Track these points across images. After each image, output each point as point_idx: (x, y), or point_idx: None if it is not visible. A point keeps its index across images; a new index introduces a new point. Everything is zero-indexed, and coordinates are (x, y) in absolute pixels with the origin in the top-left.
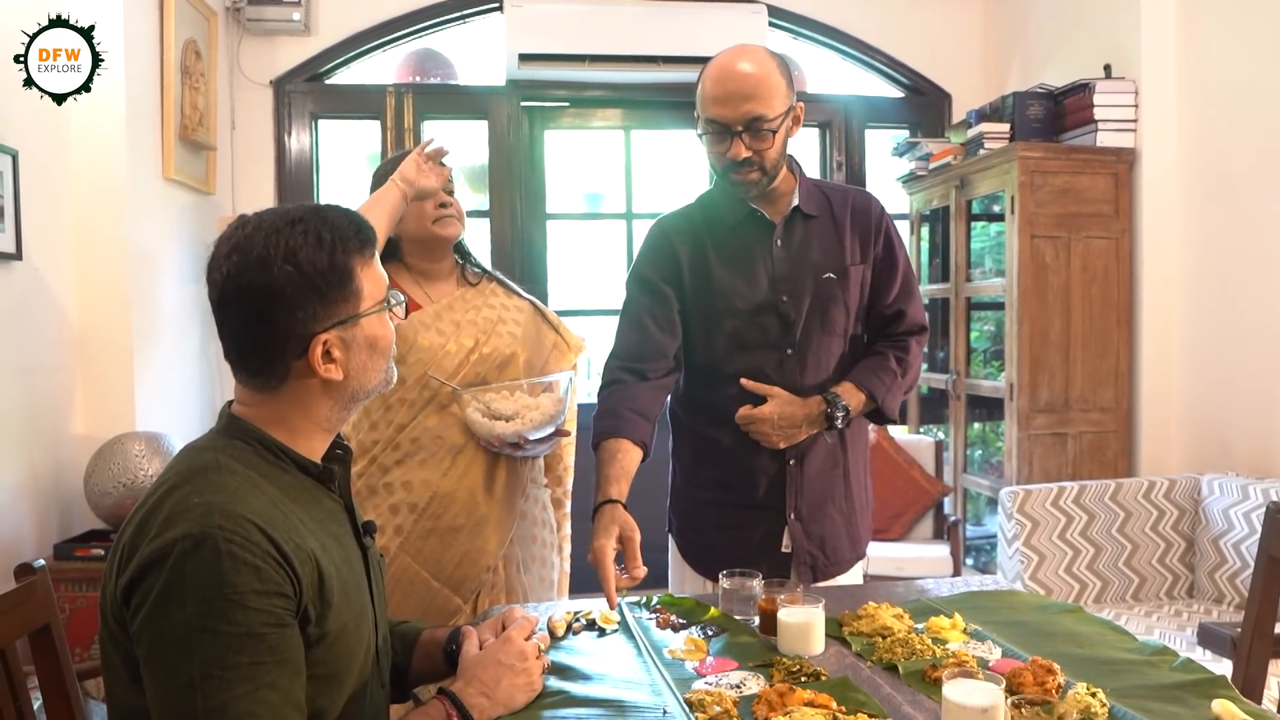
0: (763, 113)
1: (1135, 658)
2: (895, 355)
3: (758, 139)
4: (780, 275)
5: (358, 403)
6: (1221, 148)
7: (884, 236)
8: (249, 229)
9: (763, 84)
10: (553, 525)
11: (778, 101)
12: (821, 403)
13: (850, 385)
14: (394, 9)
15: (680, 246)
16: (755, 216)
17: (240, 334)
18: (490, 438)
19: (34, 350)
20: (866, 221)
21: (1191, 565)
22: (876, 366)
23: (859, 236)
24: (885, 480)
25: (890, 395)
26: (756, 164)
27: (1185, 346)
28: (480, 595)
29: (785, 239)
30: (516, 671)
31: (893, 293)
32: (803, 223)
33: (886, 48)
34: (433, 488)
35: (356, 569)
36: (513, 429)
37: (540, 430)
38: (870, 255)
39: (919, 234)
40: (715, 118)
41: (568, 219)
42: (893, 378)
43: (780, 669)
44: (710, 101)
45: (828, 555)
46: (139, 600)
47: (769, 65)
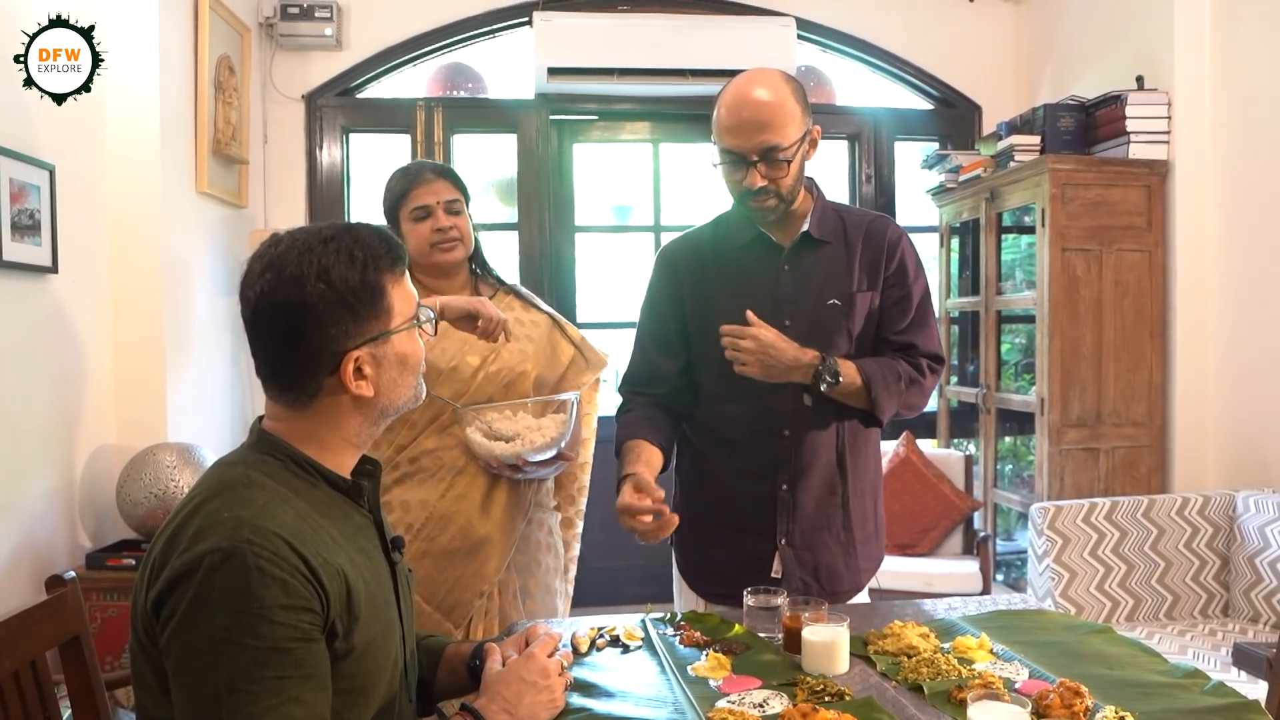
0: (778, 142)
1: (1166, 680)
2: (905, 366)
3: (774, 168)
4: (785, 299)
5: (387, 419)
6: (1256, 159)
7: (897, 262)
8: (282, 247)
9: (778, 112)
10: (559, 550)
11: (793, 129)
12: (816, 357)
13: (851, 364)
14: (424, 24)
15: (682, 270)
16: (762, 239)
17: (273, 351)
18: (489, 459)
19: (68, 361)
20: (879, 246)
21: (1227, 584)
22: (882, 364)
23: (869, 262)
24: (914, 494)
25: (887, 394)
26: (773, 192)
27: (1220, 360)
28: (473, 621)
29: (793, 263)
30: (539, 689)
31: (904, 322)
32: (812, 248)
33: (916, 59)
34: (430, 508)
35: (385, 584)
36: (511, 450)
37: (541, 453)
38: (879, 282)
39: (949, 246)
40: (730, 148)
41: (596, 232)
42: (895, 380)
43: (804, 688)
44: (724, 131)
45: (822, 584)
46: (168, 613)
47: (783, 92)
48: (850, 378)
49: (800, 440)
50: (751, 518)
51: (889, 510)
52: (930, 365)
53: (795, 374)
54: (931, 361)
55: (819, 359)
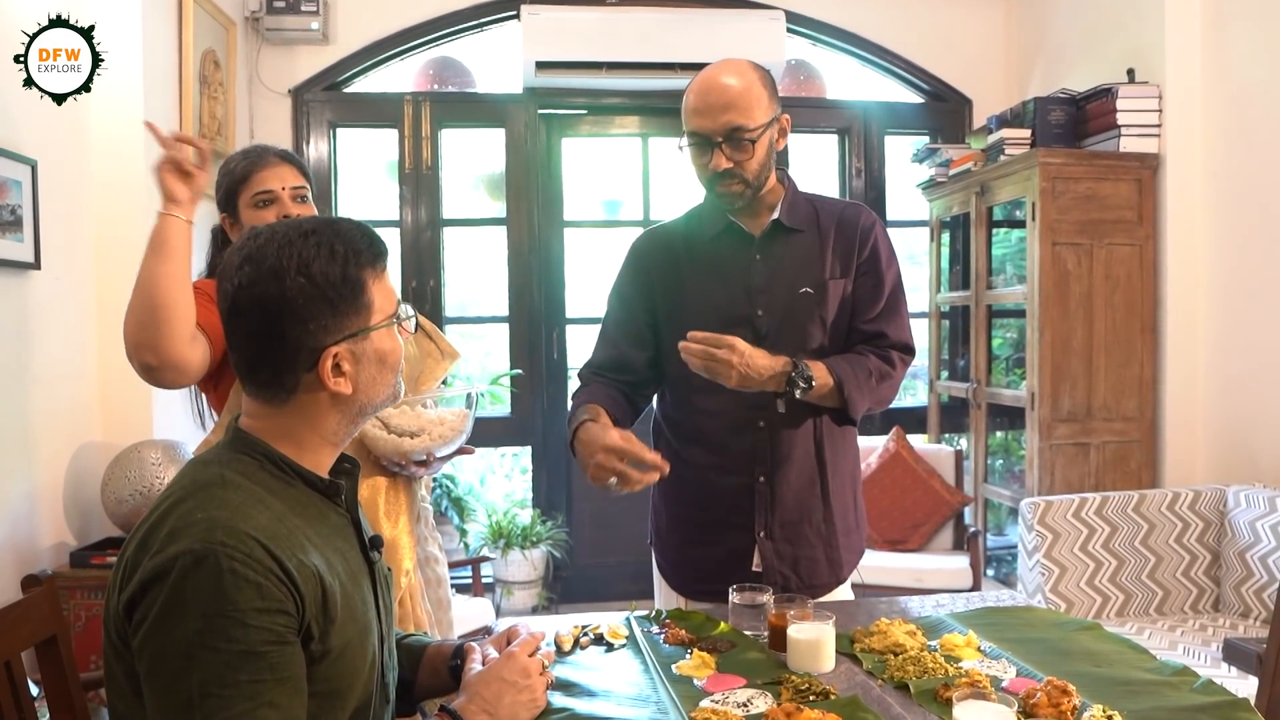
0: (742, 123)
1: (1154, 678)
2: (875, 360)
3: (738, 150)
4: (757, 288)
5: (366, 416)
6: (1247, 153)
7: (870, 249)
8: (261, 240)
9: (743, 95)
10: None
11: (758, 112)
12: (788, 363)
13: (822, 366)
14: (412, 18)
15: (652, 260)
16: (734, 229)
17: (250, 345)
18: (396, 455)
19: (52, 358)
20: (852, 233)
21: (1217, 579)
22: (853, 362)
23: (841, 249)
24: (904, 490)
25: (859, 393)
26: (738, 175)
27: (1211, 355)
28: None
29: (764, 252)
30: (520, 688)
31: (875, 309)
32: (784, 236)
33: (906, 53)
34: None
35: (362, 584)
36: (421, 445)
37: (449, 446)
38: (852, 268)
39: (939, 240)
40: (695, 129)
41: (585, 227)
42: (866, 377)
43: (789, 687)
44: (691, 113)
45: (801, 577)
46: (140, 616)
47: (750, 77)
48: (823, 380)
49: (776, 431)
50: (730, 512)
51: (879, 506)
52: (900, 356)
53: (770, 383)
54: (901, 352)
55: (790, 365)
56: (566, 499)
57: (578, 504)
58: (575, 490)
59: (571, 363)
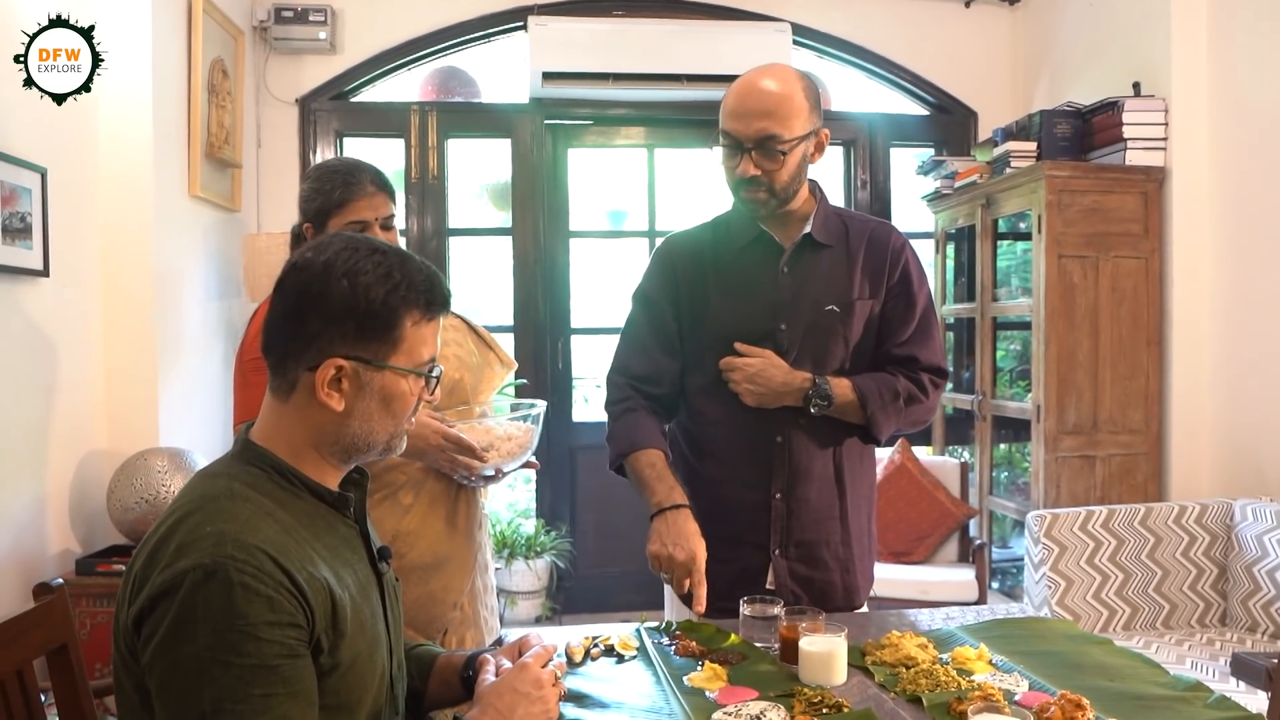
0: (777, 132)
1: (1168, 693)
2: (905, 382)
3: (768, 158)
4: (782, 303)
5: (358, 453)
6: (1254, 166)
7: (901, 270)
8: (338, 240)
9: (782, 104)
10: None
11: (796, 123)
12: (808, 380)
13: (846, 382)
14: (419, 28)
15: (680, 266)
16: (764, 239)
17: (278, 320)
18: (466, 469)
19: (59, 365)
20: (882, 253)
21: (1224, 592)
22: (880, 381)
23: (871, 269)
24: (909, 502)
25: (883, 412)
26: (764, 184)
27: (1217, 368)
28: (447, 634)
29: (792, 265)
30: (532, 700)
31: (906, 332)
32: (813, 251)
33: (912, 65)
34: (397, 525)
35: (371, 596)
36: (491, 460)
37: (516, 461)
38: (882, 290)
39: (944, 252)
40: (729, 131)
41: (591, 237)
42: (893, 398)
43: (801, 699)
44: (727, 114)
45: (815, 601)
46: (150, 630)
47: (793, 86)
48: (844, 397)
49: (794, 446)
50: (745, 529)
51: (884, 518)
52: (933, 380)
53: (787, 398)
54: (934, 376)
55: (810, 381)
56: (570, 509)
57: (582, 514)
58: (579, 500)
59: (576, 373)
